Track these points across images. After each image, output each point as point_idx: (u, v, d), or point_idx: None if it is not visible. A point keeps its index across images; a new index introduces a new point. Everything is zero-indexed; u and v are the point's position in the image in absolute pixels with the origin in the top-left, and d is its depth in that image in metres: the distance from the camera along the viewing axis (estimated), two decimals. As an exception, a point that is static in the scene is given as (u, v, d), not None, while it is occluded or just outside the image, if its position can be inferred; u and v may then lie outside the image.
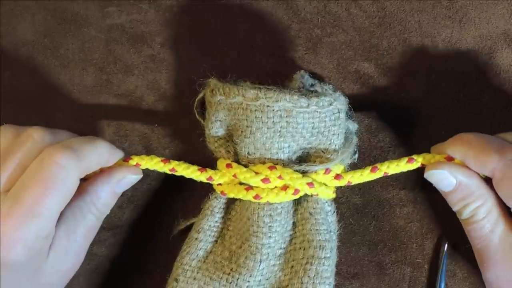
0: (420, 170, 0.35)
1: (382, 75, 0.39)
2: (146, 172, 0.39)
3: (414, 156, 0.35)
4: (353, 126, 0.37)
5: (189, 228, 0.37)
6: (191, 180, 0.37)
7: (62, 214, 0.32)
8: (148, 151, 0.40)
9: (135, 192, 0.39)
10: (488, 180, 0.34)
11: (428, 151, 0.36)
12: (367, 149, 0.39)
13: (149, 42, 0.40)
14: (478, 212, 0.33)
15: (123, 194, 0.37)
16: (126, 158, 0.36)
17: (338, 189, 0.38)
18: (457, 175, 0.34)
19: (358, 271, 0.38)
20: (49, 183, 0.31)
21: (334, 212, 0.37)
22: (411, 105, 0.39)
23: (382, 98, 0.39)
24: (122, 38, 0.40)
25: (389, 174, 0.35)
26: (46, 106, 0.40)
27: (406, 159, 0.35)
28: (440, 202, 0.35)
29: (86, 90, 0.40)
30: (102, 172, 0.35)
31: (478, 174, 0.34)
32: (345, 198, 0.39)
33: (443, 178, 0.34)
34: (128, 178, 0.35)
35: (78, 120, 0.40)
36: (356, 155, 0.37)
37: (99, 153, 0.34)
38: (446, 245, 0.38)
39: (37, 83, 0.41)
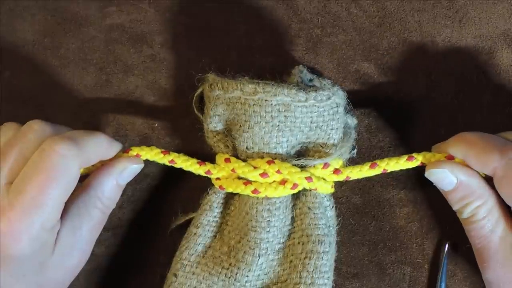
0: (421, 170, 0.35)
1: (382, 75, 0.39)
2: (146, 172, 0.39)
3: (414, 155, 0.35)
4: (352, 121, 0.37)
5: (188, 224, 0.37)
6: (191, 178, 0.37)
7: (67, 209, 0.32)
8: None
9: (135, 192, 0.39)
10: (489, 180, 0.33)
11: (429, 151, 0.35)
12: (367, 149, 0.39)
13: (149, 42, 0.40)
14: (479, 211, 0.33)
15: (123, 194, 0.37)
16: (126, 150, 0.36)
17: (338, 188, 0.38)
18: (457, 174, 0.33)
19: (358, 271, 0.38)
20: (50, 173, 0.31)
21: (333, 207, 0.37)
22: (411, 105, 0.39)
23: (382, 98, 0.39)
24: (122, 38, 0.40)
25: (388, 171, 0.35)
26: (46, 106, 0.40)
27: (406, 157, 0.35)
28: (440, 202, 0.35)
29: (86, 90, 0.40)
30: (103, 165, 0.35)
31: (479, 173, 0.34)
32: (345, 198, 0.39)
33: (444, 177, 0.34)
34: (129, 169, 0.35)
35: (78, 120, 0.40)
36: (355, 150, 0.37)
37: (99, 144, 0.34)
38: (446, 245, 0.37)
39: (37, 83, 0.41)
